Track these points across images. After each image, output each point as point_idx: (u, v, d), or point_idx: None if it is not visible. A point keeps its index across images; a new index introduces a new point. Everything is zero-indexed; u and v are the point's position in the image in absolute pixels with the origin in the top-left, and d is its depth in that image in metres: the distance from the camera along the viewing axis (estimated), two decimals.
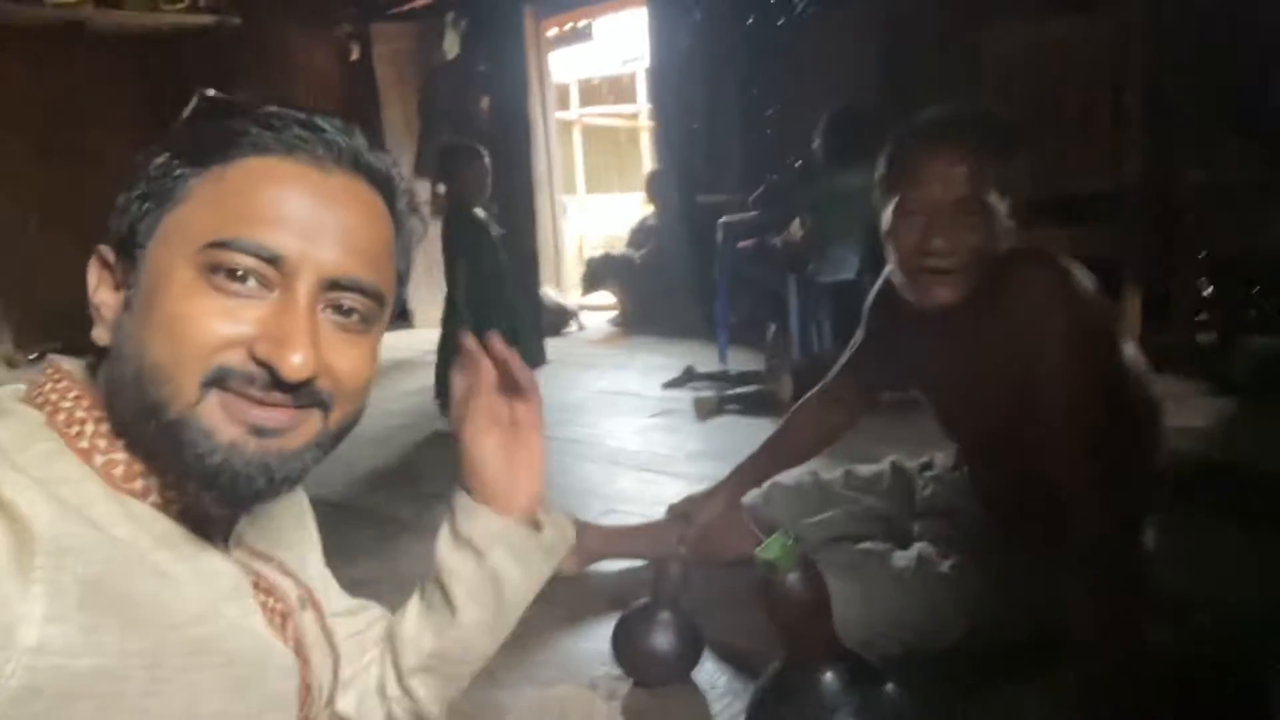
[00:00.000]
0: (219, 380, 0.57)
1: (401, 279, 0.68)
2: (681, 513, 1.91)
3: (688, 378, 3.73)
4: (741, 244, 4.01)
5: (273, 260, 0.58)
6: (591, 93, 10.45)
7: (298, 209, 0.59)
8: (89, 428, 0.60)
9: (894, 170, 1.37)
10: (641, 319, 5.50)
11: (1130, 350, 1.41)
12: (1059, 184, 3.25)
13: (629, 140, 10.99)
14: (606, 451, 3.01)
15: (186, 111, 0.63)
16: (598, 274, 5.84)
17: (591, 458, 2.94)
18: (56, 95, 5.18)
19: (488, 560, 0.78)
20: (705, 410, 3.33)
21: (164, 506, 0.61)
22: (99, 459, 0.59)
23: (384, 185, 0.65)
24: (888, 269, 1.55)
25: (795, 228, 3.65)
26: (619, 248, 6.27)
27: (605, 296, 6.07)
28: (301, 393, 0.59)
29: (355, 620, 0.84)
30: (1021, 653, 1.41)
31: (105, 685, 0.52)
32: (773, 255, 3.81)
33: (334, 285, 0.60)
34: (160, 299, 0.57)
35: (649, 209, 6.04)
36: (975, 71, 3.65)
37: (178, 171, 0.60)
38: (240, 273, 0.58)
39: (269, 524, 0.73)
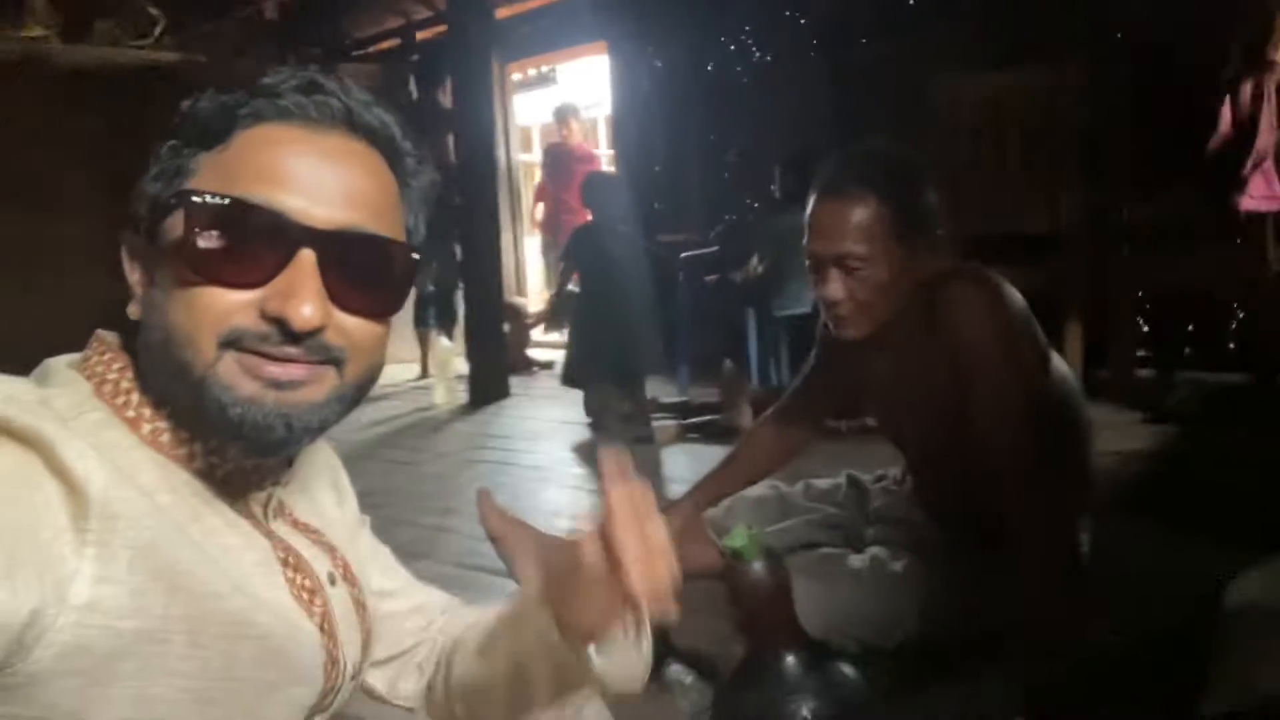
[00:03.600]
0: (234, 341, 0.59)
1: (411, 234, 0.69)
2: None
3: (652, 407, 3.81)
4: (704, 278, 4.13)
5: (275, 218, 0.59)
6: (555, 137, 10.66)
7: (295, 168, 0.61)
8: (135, 397, 0.63)
9: (809, 213, 1.48)
10: None
11: (1058, 360, 1.52)
12: (1003, 223, 3.42)
13: None
14: (571, 476, 3.07)
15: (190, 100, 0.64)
16: (561, 311, 5.93)
17: (555, 481, 3.00)
18: (7, 132, 5.08)
19: (522, 658, 0.74)
20: (667, 438, 3.40)
21: (207, 473, 0.63)
22: (146, 427, 0.62)
23: (382, 142, 0.66)
24: None
25: (754, 264, 3.77)
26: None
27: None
28: (314, 346, 0.60)
29: (397, 602, 0.84)
30: (968, 647, 1.49)
31: (148, 646, 0.55)
32: (733, 290, 3.93)
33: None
34: (175, 268, 0.60)
35: None
36: (924, 117, 3.83)
37: (185, 151, 0.63)
38: None
39: (312, 497, 0.75)
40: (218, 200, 0.59)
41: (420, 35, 6.56)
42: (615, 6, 5.47)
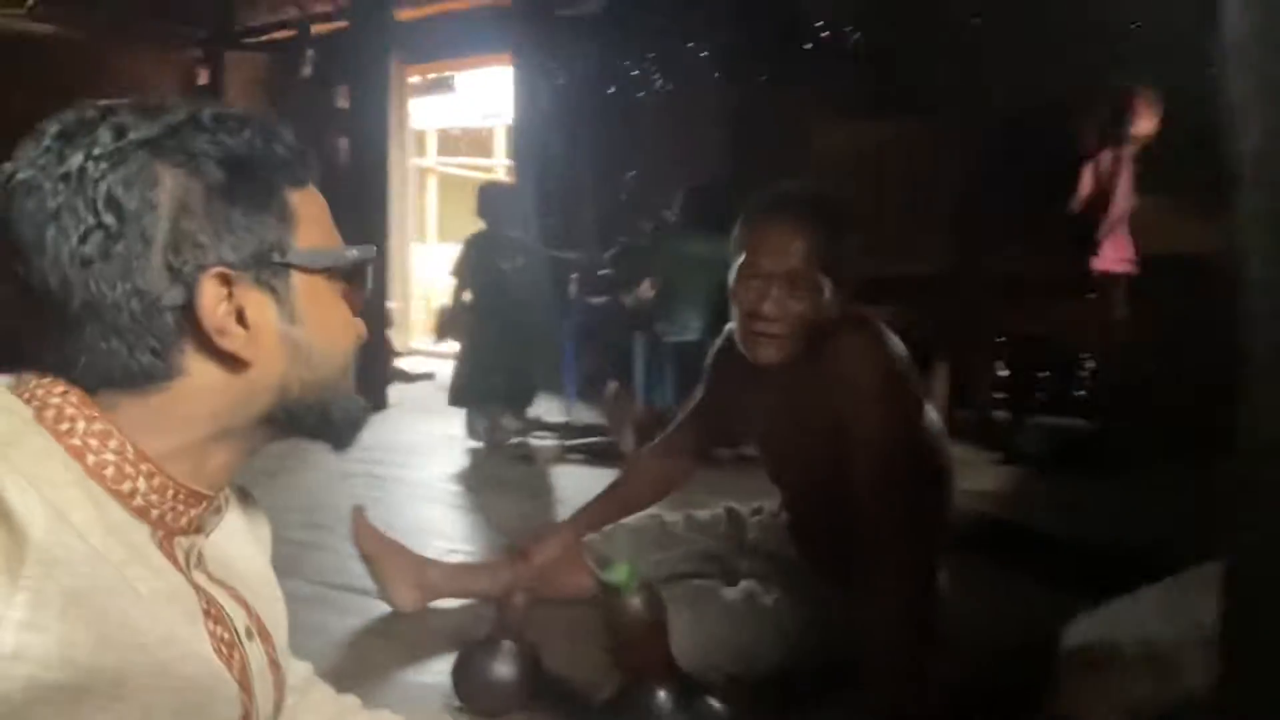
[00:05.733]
0: None
1: None
2: (520, 551, 1.97)
3: (534, 426, 3.80)
4: (593, 299, 4.15)
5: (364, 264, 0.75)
6: (449, 143, 10.51)
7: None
8: (80, 425, 0.60)
9: (742, 234, 1.53)
10: None
11: (930, 410, 1.61)
12: (877, 265, 3.58)
13: None
14: (447, 494, 3.03)
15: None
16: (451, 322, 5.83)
17: (432, 499, 2.95)
18: None
19: None
20: (547, 457, 3.39)
21: (143, 511, 0.62)
22: (91, 458, 0.60)
23: None
24: (728, 327, 1.71)
25: (645, 288, 3.82)
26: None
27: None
28: None
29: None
30: (823, 679, 1.55)
31: (66, 695, 0.53)
32: (622, 313, 3.96)
33: None
34: (319, 308, 0.69)
35: None
36: (805, 160, 3.99)
37: (277, 191, 0.67)
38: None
39: (230, 551, 0.74)
40: (354, 253, 0.72)
41: (316, 29, 6.37)
42: (521, 20, 5.46)
